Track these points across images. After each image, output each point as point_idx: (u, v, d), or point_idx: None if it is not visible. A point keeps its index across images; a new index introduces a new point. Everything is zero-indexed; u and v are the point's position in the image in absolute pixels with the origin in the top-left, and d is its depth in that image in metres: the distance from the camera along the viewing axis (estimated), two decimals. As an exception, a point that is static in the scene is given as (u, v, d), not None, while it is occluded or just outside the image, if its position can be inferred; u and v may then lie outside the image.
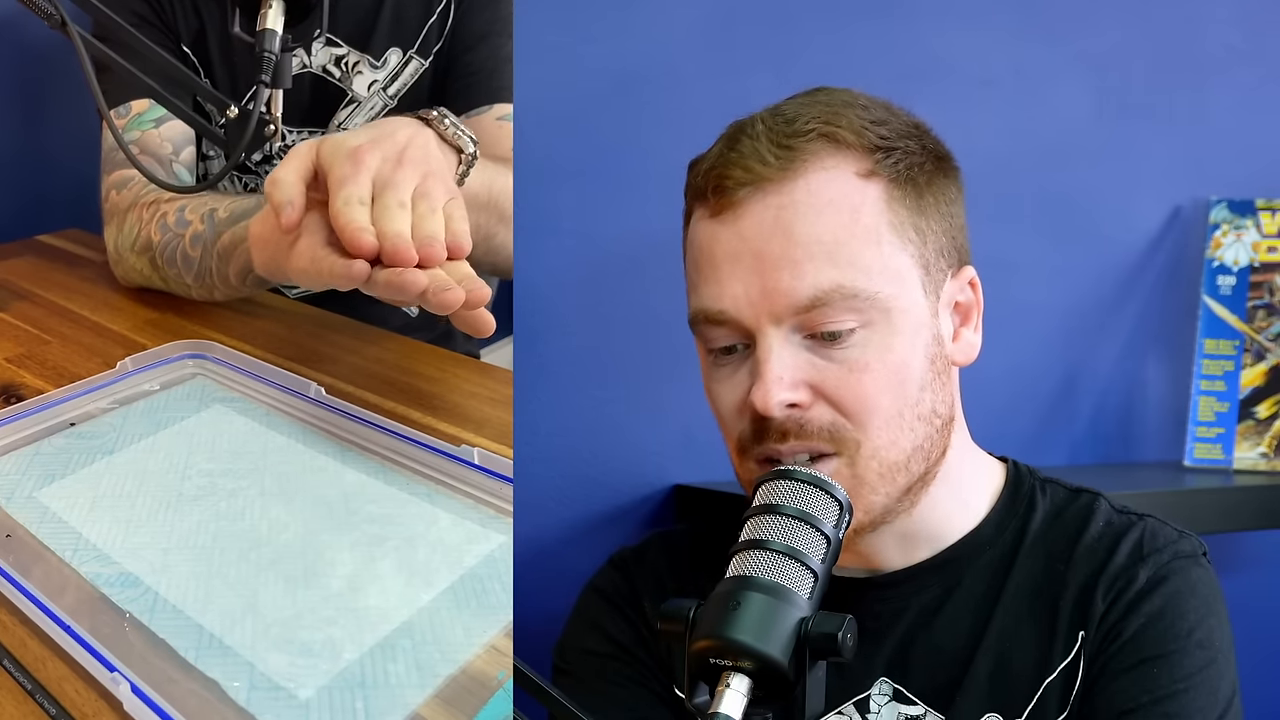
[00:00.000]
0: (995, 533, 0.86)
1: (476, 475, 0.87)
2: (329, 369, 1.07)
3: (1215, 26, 1.49)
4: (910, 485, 0.81)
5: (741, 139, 0.80)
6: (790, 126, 0.79)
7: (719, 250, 0.79)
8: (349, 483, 0.87)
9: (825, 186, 0.78)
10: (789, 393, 0.77)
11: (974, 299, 0.85)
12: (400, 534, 0.81)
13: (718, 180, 0.79)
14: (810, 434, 0.78)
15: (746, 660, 0.63)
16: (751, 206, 0.78)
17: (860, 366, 0.77)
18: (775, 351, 0.77)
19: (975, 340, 0.85)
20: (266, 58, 1.00)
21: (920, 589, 0.85)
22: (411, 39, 1.37)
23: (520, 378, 1.18)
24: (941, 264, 0.82)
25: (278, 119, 1.05)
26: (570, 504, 1.22)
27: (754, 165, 0.78)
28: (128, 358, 1.04)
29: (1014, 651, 0.83)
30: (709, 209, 0.81)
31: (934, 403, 0.81)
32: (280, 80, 1.02)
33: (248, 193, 1.30)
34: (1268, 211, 1.45)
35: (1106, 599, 0.82)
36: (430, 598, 0.73)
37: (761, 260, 0.77)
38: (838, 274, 0.77)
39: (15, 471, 0.88)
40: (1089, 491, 0.88)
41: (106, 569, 0.76)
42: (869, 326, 0.78)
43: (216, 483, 0.87)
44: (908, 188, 0.80)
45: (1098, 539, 0.84)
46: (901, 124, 0.82)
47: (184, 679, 0.66)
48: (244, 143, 1.02)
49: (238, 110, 1.05)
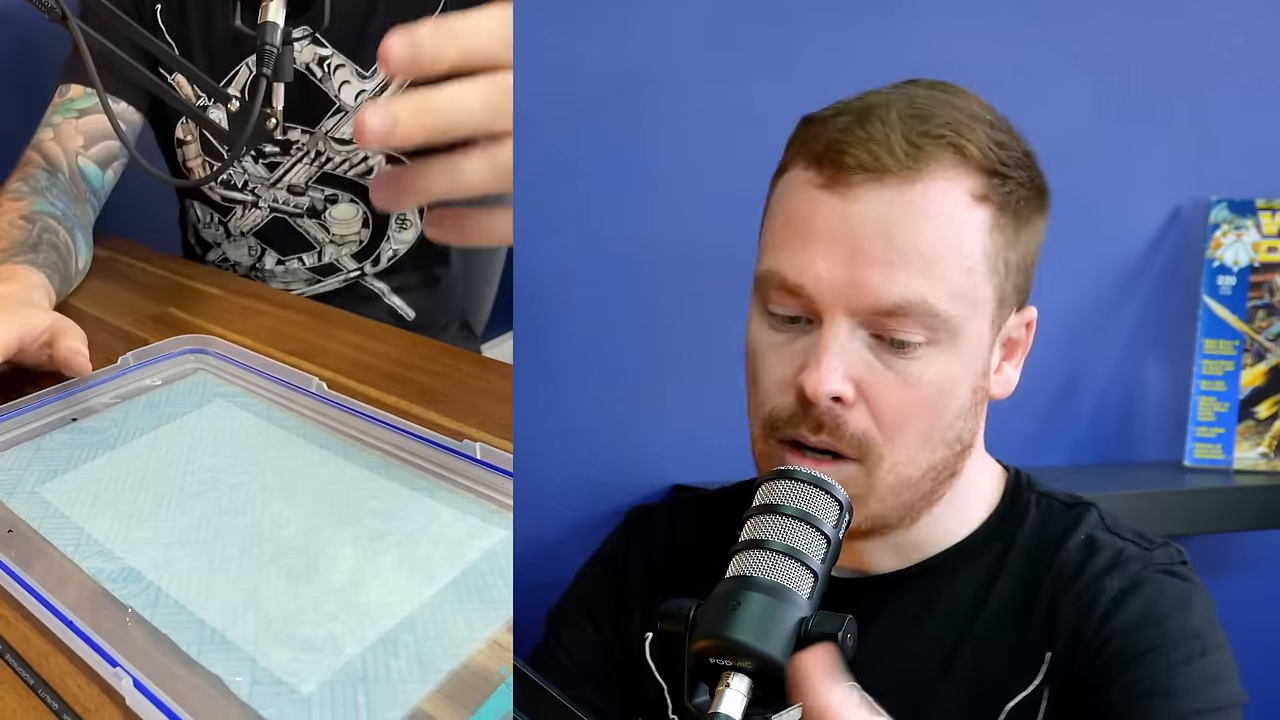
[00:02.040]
0: (982, 545, 0.85)
1: (478, 470, 0.87)
2: (331, 363, 1.07)
3: (1216, 28, 1.49)
4: (915, 502, 0.80)
5: (873, 119, 0.76)
6: (923, 125, 0.76)
7: (818, 223, 0.76)
8: (351, 477, 0.87)
9: (941, 197, 0.76)
10: (841, 385, 0.75)
11: (1025, 338, 0.83)
12: (402, 529, 0.81)
13: (838, 154, 0.76)
14: (842, 437, 0.76)
15: (746, 660, 0.62)
16: (864, 193, 0.75)
17: (913, 381, 0.76)
18: (841, 342, 0.75)
19: (1014, 376, 0.83)
20: (268, 51, 1.00)
21: (898, 595, 0.84)
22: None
23: (520, 377, 1.18)
24: (1012, 299, 0.81)
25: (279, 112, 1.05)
26: (570, 504, 1.22)
27: (881, 154, 0.75)
28: (129, 353, 1.04)
29: (986, 670, 0.82)
30: (819, 176, 0.77)
31: (961, 430, 0.80)
32: (282, 73, 1.02)
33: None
34: (1268, 211, 1.45)
35: (1073, 615, 0.80)
36: (432, 593, 0.73)
37: (858, 251, 0.75)
38: (927, 289, 0.75)
39: (17, 467, 0.88)
40: (1084, 503, 0.86)
41: (109, 564, 0.76)
42: (934, 345, 0.76)
43: (218, 478, 0.87)
44: (1010, 219, 0.78)
45: (1071, 552, 0.83)
46: (1019, 150, 0.80)
47: (186, 674, 0.66)
48: (246, 135, 1.02)
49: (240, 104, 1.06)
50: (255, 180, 1.47)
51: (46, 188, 1.31)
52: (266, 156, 1.44)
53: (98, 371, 1.01)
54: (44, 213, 1.26)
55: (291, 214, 1.49)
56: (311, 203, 1.48)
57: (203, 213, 1.55)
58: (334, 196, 1.47)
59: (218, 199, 1.50)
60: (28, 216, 1.24)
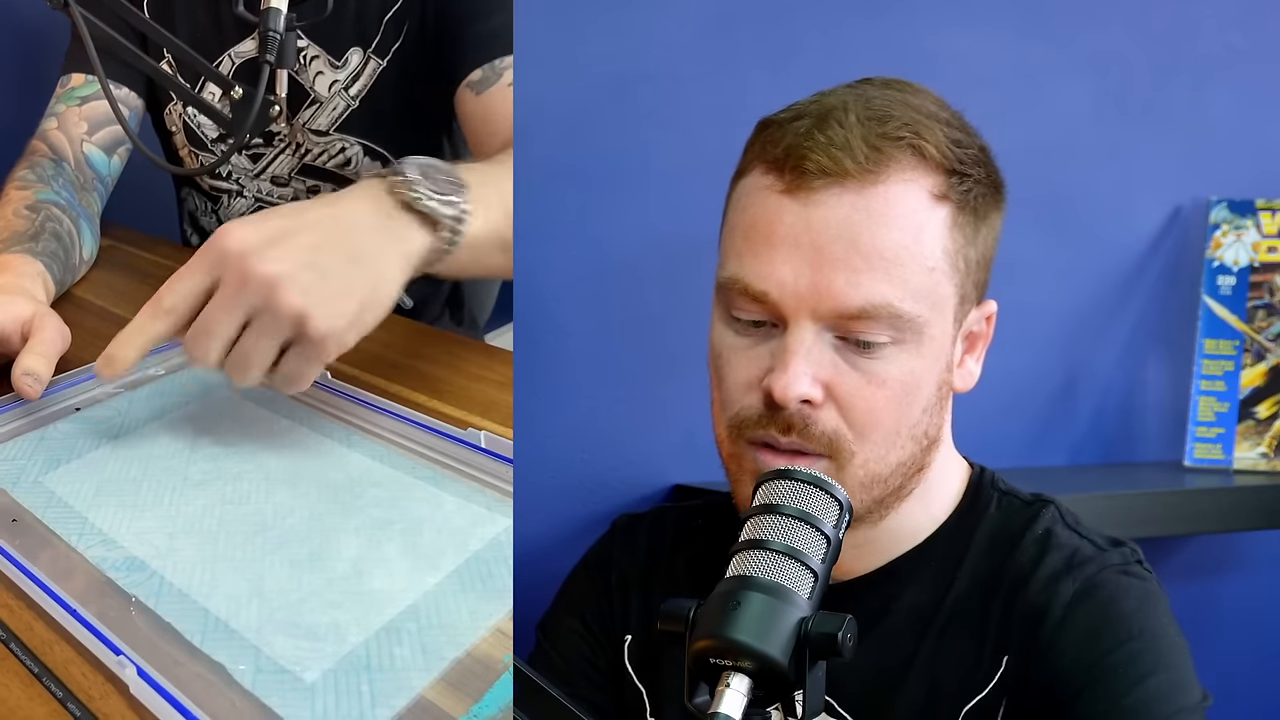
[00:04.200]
0: (942, 545, 0.85)
1: (482, 458, 0.87)
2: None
3: (1216, 26, 1.49)
4: (885, 497, 0.81)
5: (831, 123, 0.77)
6: (882, 126, 0.77)
7: (780, 229, 0.77)
8: (354, 466, 0.87)
9: (901, 199, 0.76)
10: (810, 388, 0.76)
11: (986, 331, 0.84)
12: (406, 517, 0.80)
13: (799, 159, 0.77)
14: (811, 436, 0.77)
15: (746, 660, 0.62)
16: (826, 198, 0.76)
17: (879, 380, 0.77)
18: (808, 345, 0.76)
19: (976, 370, 0.84)
20: (271, 37, 1.00)
21: (860, 597, 0.84)
22: (370, 37, 1.36)
23: (520, 378, 1.18)
24: (973, 295, 0.81)
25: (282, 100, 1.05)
26: (570, 504, 1.22)
27: (841, 158, 0.76)
28: (132, 343, 1.04)
29: (944, 672, 0.82)
30: (779, 182, 0.78)
31: (928, 425, 0.80)
32: (285, 60, 1.02)
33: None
34: (1268, 211, 1.46)
35: (1025, 618, 0.80)
36: (436, 581, 0.73)
37: (821, 256, 0.76)
38: (891, 291, 0.76)
39: (21, 456, 0.88)
40: (1041, 500, 0.87)
41: (112, 553, 0.76)
42: (899, 344, 0.77)
43: (221, 467, 0.87)
44: (969, 216, 0.79)
45: (1026, 549, 0.83)
46: (975, 147, 0.81)
47: (190, 662, 0.66)
48: (249, 124, 1.02)
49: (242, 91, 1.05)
50: (239, 171, 1.47)
51: (53, 176, 1.31)
52: (250, 148, 1.44)
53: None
54: (49, 201, 1.26)
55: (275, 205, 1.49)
56: (295, 194, 1.48)
57: (200, 201, 1.55)
58: (316, 188, 1.47)
59: (207, 188, 1.51)
60: (32, 206, 1.24)
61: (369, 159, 1.44)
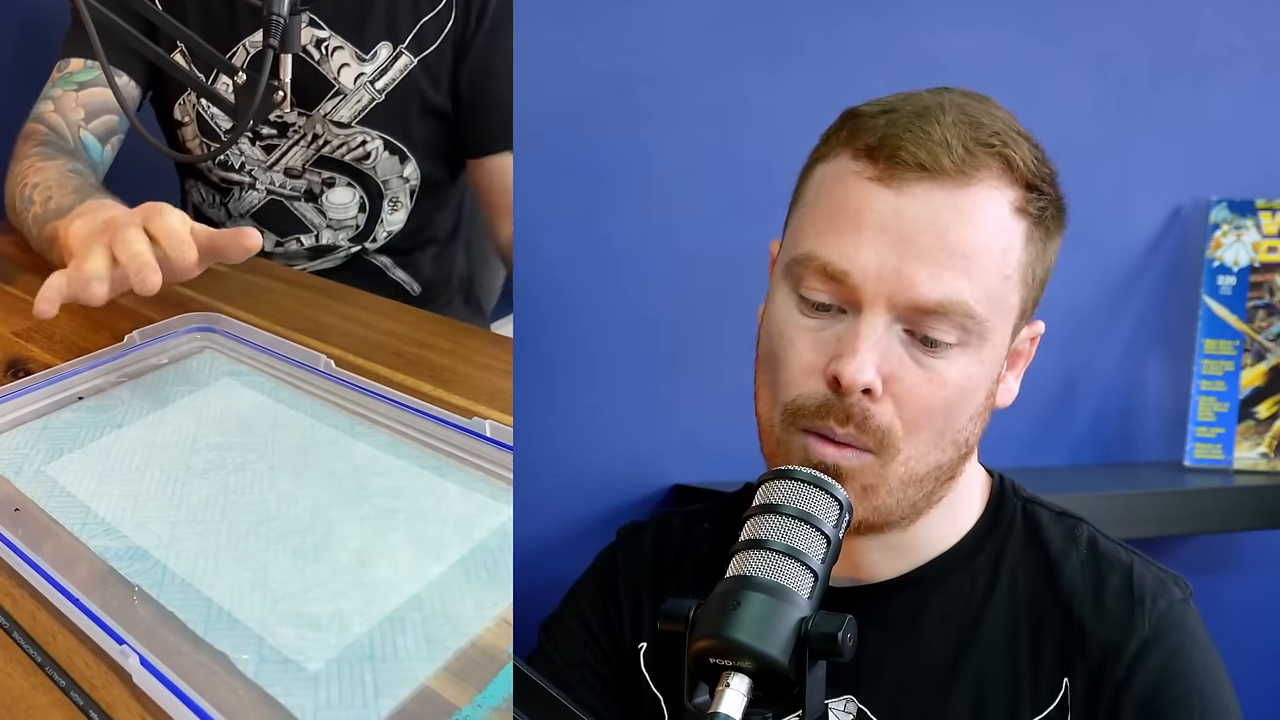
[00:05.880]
0: (970, 555, 0.85)
1: (487, 448, 0.87)
2: (339, 341, 1.07)
3: (1216, 25, 1.49)
4: (918, 500, 0.80)
5: (930, 120, 0.77)
6: (975, 132, 0.77)
7: (869, 213, 0.77)
8: (359, 456, 0.87)
9: (988, 204, 0.77)
10: (874, 378, 0.75)
11: (1029, 351, 0.85)
12: (410, 507, 0.80)
13: (894, 149, 0.77)
14: (867, 429, 0.76)
15: (746, 660, 0.62)
16: (918, 191, 0.76)
17: (939, 380, 0.77)
18: (878, 334, 0.76)
19: (1015, 387, 0.84)
20: (275, 21, 1.00)
21: (892, 602, 0.84)
22: (403, 34, 1.36)
23: (520, 377, 1.18)
24: (1030, 311, 0.82)
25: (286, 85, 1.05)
26: (570, 504, 1.22)
27: (940, 154, 0.76)
28: (135, 331, 1.04)
29: (991, 690, 0.82)
30: (871, 169, 0.78)
31: (970, 434, 0.81)
32: (290, 45, 1.02)
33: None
34: (1268, 211, 1.46)
35: (1100, 652, 0.81)
36: (440, 571, 0.73)
37: (908, 246, 0.75)
38: (969, 292, 0.76)
39: (24, 445, 0.88)
40: (1072, 517, 0.87)
41: (115, 543, 0.76)
42: (964, 347, 0.77)
43: (225, 456, 0.87)
44: (1041, 233, 0.80)
45: (1079, 573, 0.83)
46: (1050, 168, 0.82)
47: (193, 652, 0.66)
48: (253, 109, 1.02)
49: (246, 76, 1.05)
50: (252, 162, 1.46)
51: (73, 151, 1.31)
52: (264, 139, 1.44)
53: (105, 350, 1.01)
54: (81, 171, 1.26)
55: (288, 197, 1.48)
56: (309, 185, 1.47)
57: (206, 193, 1.54)
58: (331, 180, 1.47)
59: (216, 180, 1.50)
60: (75, 170, 1.23)
61: (388, 153, 1.44)
